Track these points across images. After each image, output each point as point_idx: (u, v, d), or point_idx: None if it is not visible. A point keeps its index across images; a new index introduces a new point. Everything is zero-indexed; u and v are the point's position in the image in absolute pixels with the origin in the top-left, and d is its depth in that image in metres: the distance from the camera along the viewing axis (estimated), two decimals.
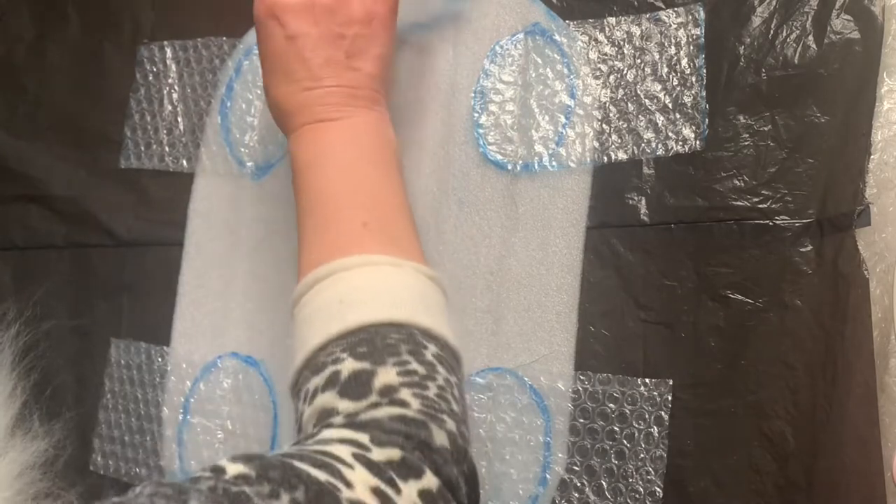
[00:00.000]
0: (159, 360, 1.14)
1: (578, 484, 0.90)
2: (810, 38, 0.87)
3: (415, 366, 0.72)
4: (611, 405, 0.90)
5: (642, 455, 0.88)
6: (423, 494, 0.64)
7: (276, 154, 1.11)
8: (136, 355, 1.15)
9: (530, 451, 0.93)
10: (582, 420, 0.91)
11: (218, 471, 0.58)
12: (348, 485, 0.60)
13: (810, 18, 0.88)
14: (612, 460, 0.89)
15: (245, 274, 1.10)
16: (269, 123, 1.11)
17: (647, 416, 0.89)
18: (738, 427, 0.85)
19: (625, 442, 0.89)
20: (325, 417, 0.70)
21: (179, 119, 1.19)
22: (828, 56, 0.87)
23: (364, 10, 0.90)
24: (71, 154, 1.25)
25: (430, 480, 0.65)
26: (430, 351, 0.74)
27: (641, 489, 0.88)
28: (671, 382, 0.88)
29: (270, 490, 0.57)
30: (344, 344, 0.73)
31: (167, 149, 1.19)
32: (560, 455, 0.91)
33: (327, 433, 0.67)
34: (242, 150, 1.13)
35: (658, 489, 0.87)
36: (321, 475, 0.60)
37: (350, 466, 0.62)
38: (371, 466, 0.63)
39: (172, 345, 1.13)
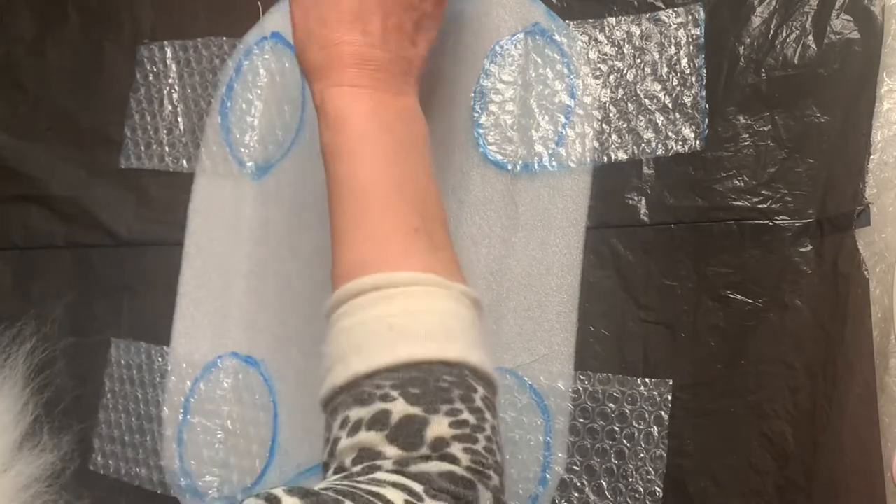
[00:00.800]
0: (159, 359, 1.14)
1: (578, 484, 0.90)
2: (810, 38, 0.87)
3: (466, 415, 0.70)
4: (611, 405, 0.90)
5: (642, 455, 0.88)
6: None
7: (276, 154, 1.11)
8: (136, 355, 1.15)
9: (530, 450, 0.93)
10: (582, 420, 0.91)
11: (273, 501, 0.58)
12: None
13: (810, 18, 0.88)
14: (612, 460, 0.89)
15: (245, 274, 1.11)
16: (269, 123, 1.11)
17: (646, 415, 0.89)
18: (738, 427, 0.85)
19: (625, 442, 0.89)
20: (369, 457, 0.69)
21: (179, 119, 1.19)
22: (828, 56, 0.87)
23: None
24: (71, 154, 1.26)
25: None
26: (479, 395, 0.72)
27: (641, 489, 0.88)
28: (671, 382, 0.88)
29: None
30: (394, 379, 0.70)
31: (167, 149, 1.19)
32: (560, 455, 0.91)
33: (380, 475, 0.66)
34: (243, 150, 1.13)
35: (658, 489, 0.87)
36: None
37: None
38: None
39: (172, 345, 1.14)
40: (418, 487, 0.65)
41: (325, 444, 0.73)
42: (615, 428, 0.90)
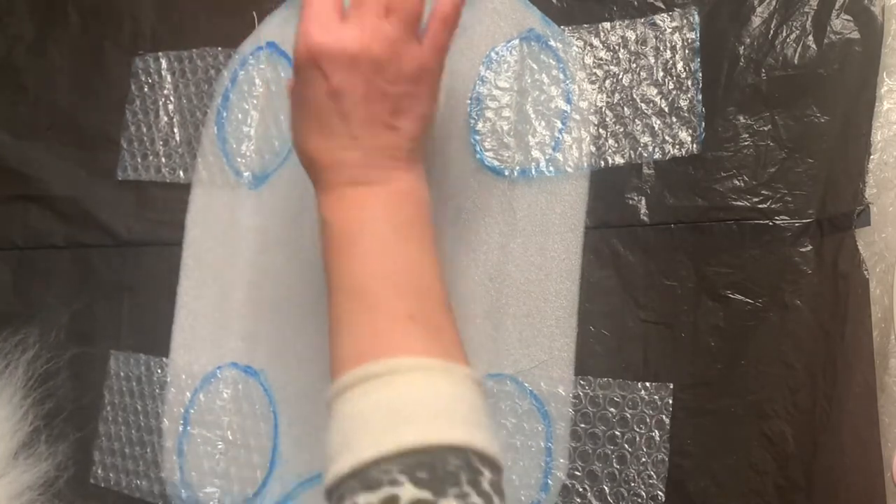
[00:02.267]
0: (159, 371, 1.14)
1: (580, 489, 0.90)
2: (810, 38, 0.88)
3: (474, 498, 0.70)
4: (612, 410, 0.90)
5: (644, 459, 0.88)
6: None
7: (272, 163, 1.11)
8: (135, 367, 1.15)
9: (532, 456, 0.93)
10: (583, 425, 0.91)
11: None
12: None
13: (810, 18, 0.88)
14: (614, 465, 0.89)
15: (244, 284, 1.11)
16: (265, 133, 1.11)
17: (648, 420, 0.89)
18: (738, 427, 0.85)
19: (626, 446, 0.89)
20: None
21: (176, 130, 1.19)
22: (828, 56, 0.87)
23: (416, 65, 0.83)
24: (71, 154, 1.26)
25: None
26: (486, 478, 0.72)
27: (644, 493, 0.88)
28: (671, 386, 0.88)
29: None
30: (401, 465, 0.70)
31: (164, 160, 1.18)
32: (562, 460, 0.91)
33: None
34: (239, 160, 1.13)
35: (660, 493, 0.87)
36: None
37: None
38: None
39: (172, 356, 1.13)
40: None
41: None
42: (616, 433, 0.90)
